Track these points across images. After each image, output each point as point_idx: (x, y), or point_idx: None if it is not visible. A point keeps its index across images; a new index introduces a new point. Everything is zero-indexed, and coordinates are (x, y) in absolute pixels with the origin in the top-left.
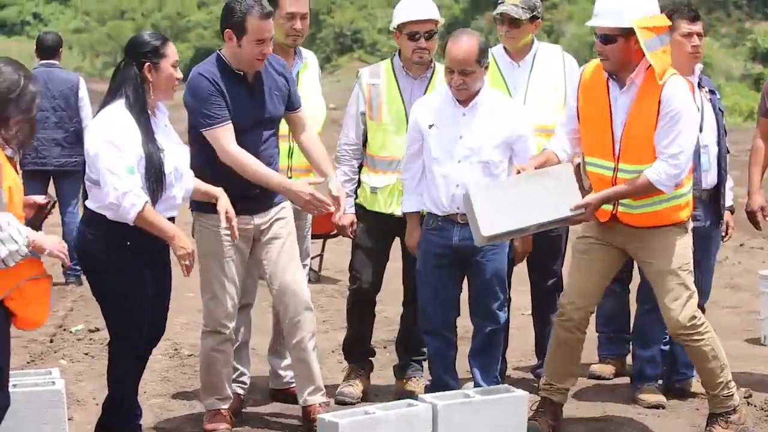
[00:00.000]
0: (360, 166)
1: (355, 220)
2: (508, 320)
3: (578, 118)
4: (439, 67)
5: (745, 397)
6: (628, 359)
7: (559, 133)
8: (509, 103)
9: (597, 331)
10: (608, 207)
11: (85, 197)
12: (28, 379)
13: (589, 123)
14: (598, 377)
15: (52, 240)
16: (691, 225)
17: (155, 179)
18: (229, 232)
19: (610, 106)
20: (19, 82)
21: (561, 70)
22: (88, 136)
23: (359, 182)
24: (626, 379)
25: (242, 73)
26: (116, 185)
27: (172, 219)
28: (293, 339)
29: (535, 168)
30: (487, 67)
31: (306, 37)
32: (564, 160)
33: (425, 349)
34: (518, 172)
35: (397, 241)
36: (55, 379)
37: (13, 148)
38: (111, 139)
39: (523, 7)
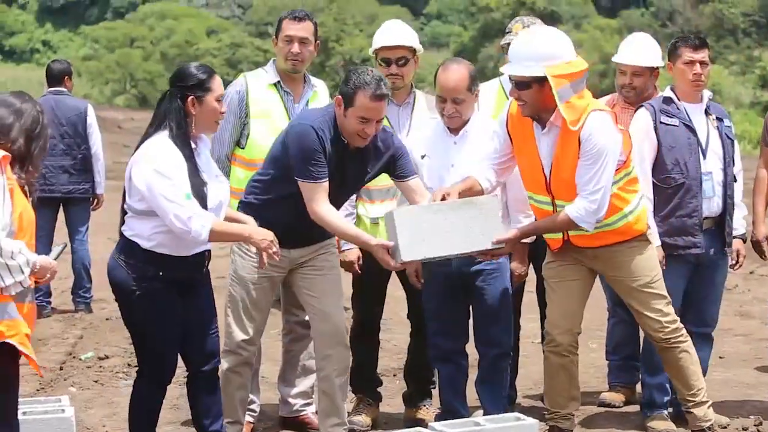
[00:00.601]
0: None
1: (360, 255)
2: (518, 348)
3: (512, 150)
4: (419, 94)
5: (755, 425)
6: (639, 387)
7: (485, 162)
8: None
9: (607, 359)
10: (557, 234)
11: (121, 224)
12: (38, 406)
13: (522, 158)
14: (608, 405)
15: (49, 261)
16: (653, 237)
17: None
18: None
19: (537, 144)
20: (39, 119)
21: None
22: (136, 168)
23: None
24: (636, 407)
25: (346, 140)
26: (178, 212)
27: (208, 251)
28: (322, 371)
29: (459, 193)
30: (477, 95)
31: (312, 63)
32: (487, 189)
33: (434, 377)
34: (443, 198)
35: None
36: (65, 406)
37: (31, 181)
38: (160, 170)
39: None
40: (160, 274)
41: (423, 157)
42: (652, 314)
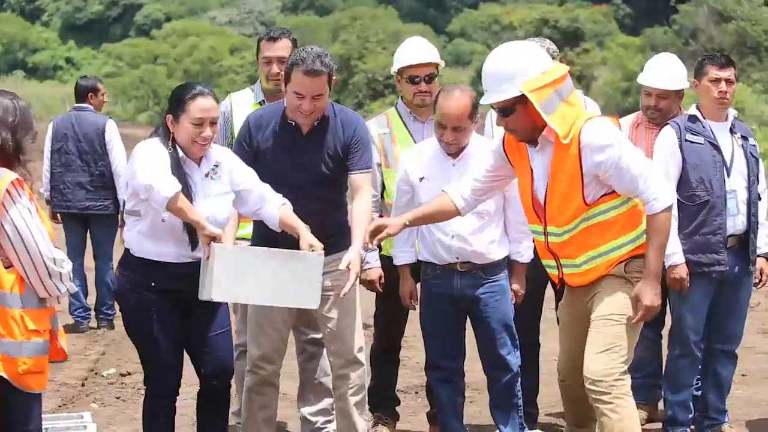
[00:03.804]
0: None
1: (382, 273)
2: (538, 366)
3: (507, 173)
4: None
5: None
6: (661, 405)
7: (467, 179)
8: None
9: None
10: (554, 271)
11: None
12: (60, 422)
13: (519, 185)
14: None
15: None
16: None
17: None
18: None
19: (531, 167)
20: (13, 106)
21: None
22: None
23: None
24: (658, 425)
25: (293, 123)
26: (149, 170)
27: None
28: (338, 390)
29: (426, 215)
30: (477, 122)
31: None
32: (462, 207)
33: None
34: (377, 230)
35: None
36: (87, 423)
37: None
38: (142, 155)
39: None
40: (152, 284)
41: (421, 179)
42: (590, 350)
